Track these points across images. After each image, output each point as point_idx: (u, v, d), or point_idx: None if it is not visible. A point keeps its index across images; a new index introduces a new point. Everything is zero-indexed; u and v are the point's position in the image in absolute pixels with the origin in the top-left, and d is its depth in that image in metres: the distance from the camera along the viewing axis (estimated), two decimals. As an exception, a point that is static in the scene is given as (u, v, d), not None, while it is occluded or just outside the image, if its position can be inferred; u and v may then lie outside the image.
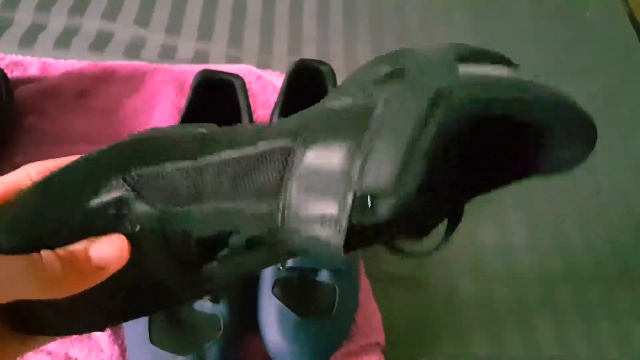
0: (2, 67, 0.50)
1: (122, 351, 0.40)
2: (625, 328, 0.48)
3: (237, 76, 0.46)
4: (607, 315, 0.49)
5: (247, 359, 0.40)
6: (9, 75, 0.51)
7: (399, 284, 0.48)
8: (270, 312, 0.38)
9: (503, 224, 0.53)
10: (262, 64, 0.60)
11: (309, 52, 0.63)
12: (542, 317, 0.48)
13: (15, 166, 0.21)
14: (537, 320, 0.48)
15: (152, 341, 0.36)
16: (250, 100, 0.51)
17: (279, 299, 0.39)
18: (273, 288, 0.39)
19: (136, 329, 0.37)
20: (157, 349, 0.36)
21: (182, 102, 0.47)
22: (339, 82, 0.51)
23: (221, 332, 0.37)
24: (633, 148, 0.61)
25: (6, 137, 0.49)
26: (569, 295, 0.49)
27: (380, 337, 0.43)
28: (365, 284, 0.46)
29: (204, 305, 0.38)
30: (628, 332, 0.48)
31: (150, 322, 0.37)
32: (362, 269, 0.46)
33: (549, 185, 0.56)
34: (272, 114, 0.50)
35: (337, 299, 0.40)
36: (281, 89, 0.49)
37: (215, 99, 0.47)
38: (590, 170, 0.58)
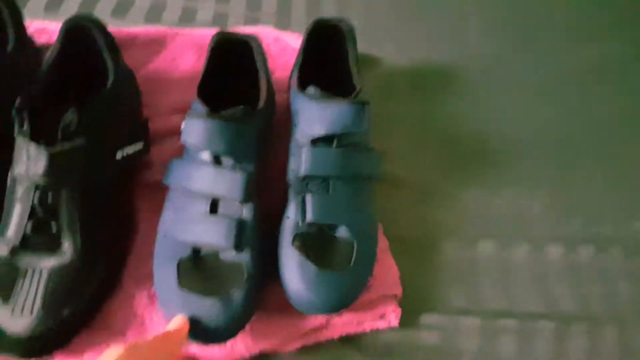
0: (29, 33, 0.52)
1: (151, 295, 0.42)
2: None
3: (253, 37, 0.47)
4: (626, 277, 0.49)
5: (269, 304, 0.42)
6: (36, 41, 0.53)
7: (416, 245, 0.48)
8: (291, 263, 0.40)
9: (520, 190, 0.53)
10: (281, 25, 0.60)
11: (328, 12, 0.63)
12: (558, 276, 0.48)
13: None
14: (553, 278, 0.48)
15: (180, 284, 0.38)
16: (269, 62, 0.51)
17: (299, 251, 0.40)
18: (293, 241, 0.41)
19: (165, 274, 0.39)
20: (186, 292, 0.38)
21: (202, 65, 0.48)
22: (359, 41, 0.50)
23: (245, 278, 0.39)
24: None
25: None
26: (587, 256, 0.50)
27: (398, 290, 0.45)
28: (383, 242, 0.47)
29: (228, 254, 0.40)
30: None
31: (178, 269, 0.39)
32: (380, 230, 0.47)
33: (564, 149, 0.56)
34: (290, 75, 0.50)
35: (354, 253, 0.41)
36: (300, 49, 0.49)
37: (233, 60, 0.47)
38: (611, 136, 0.57)
